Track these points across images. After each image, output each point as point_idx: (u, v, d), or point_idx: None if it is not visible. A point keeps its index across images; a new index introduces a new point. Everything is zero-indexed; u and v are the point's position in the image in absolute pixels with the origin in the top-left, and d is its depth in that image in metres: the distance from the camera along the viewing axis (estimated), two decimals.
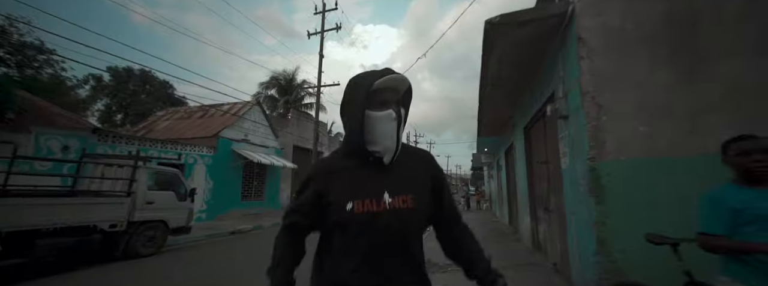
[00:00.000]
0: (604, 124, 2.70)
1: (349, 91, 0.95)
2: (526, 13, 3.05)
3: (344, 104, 0.97)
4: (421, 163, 1.03)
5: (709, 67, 2.46)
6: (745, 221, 1.30)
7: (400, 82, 0.94)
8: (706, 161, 2.35)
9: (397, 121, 0.93)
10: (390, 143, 0.92)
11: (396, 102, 0.95)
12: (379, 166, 0.94)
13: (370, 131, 0.91)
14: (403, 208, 0.91)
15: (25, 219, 4.08)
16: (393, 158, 0.94)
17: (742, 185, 1.38)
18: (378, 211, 0.89)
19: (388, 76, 0.91)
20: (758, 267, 1.25)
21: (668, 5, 2.59)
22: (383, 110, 0.92)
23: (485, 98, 5.68)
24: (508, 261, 5.07)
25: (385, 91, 0.92)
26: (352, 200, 0.89)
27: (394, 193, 0.92)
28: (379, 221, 0.88)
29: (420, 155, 1.06)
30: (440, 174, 1.06)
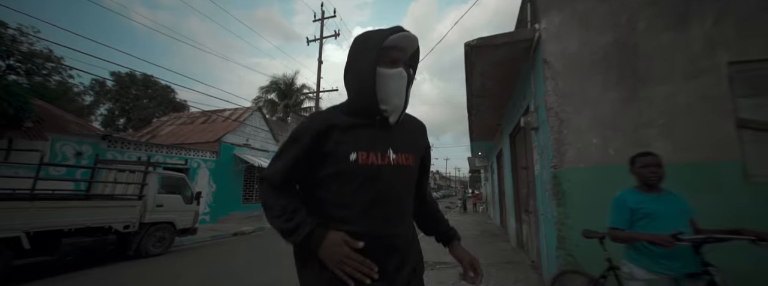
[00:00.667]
0: (565, 137, 3.12)
1: (358, 47, 0.93)
2: (500, 38, 3.49)
3: (351, 62, 0.94)
4: (417, 129, 1.07)
5: (649, 89, 2.89)
6: (638, 218, 1.71)
7: (412, 42, 0.93)
8: None
9: (407, 80, 0.92)
10: (399, 102, 0.92)
11: (405, 62, 0.94)
12: (385, 125, 0.93)
13: (380, 89, 0.89)
14: (405, 164, 0.94)
15: (50, 220, 4.47)
16: (399, 118, 0.95)
17: (641, 190, 1.80)
18: (383, 164, 0.90)
19: (401, 34, 0.89)
20: (642, 251, 1.67)
21: (616, 35, 3.03)
22: (394, 68, 0.90)
23: (473, 108, 6.11)
24: (493, 260, 5.48)
25: (395, 49, 0.91)
26: (355, 150, 0.88)
27: (398, 150, 0.93)
28: (384, 175, 0.89)
29: (417, 123, 1.09)
30: (428, 148, 1.11)
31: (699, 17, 2.79)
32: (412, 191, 1.00)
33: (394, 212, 0.92)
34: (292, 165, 0.92)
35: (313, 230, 0.85)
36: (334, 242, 0.83)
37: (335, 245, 0.83)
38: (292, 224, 0.86)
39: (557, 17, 3.23)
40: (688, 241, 1.52)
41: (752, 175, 2.57)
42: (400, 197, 0.93)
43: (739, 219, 2.46)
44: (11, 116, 5.62)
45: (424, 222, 1.12)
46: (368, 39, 0.91)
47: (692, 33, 2.80)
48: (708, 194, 2.59)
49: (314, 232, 0.85)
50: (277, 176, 0.92)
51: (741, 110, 2.64)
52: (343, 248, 0.82)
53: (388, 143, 0.92)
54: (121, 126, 25.02)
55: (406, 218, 0.98)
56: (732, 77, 2.68)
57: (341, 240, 0.83)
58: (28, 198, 4.38)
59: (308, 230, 0.85)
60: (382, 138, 0.92)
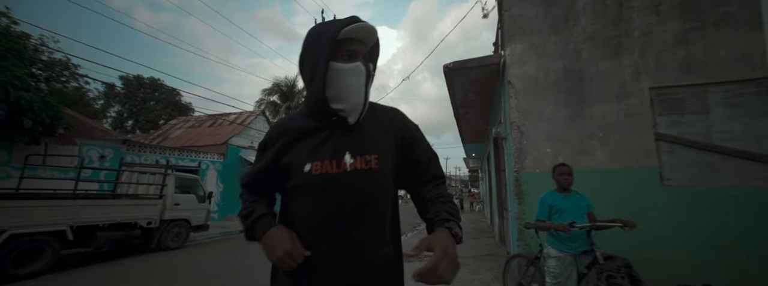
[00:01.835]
0: (525, 147, 3.75)
1: (311, 40, 0.83)
2: (472, 62, 4.13)
3: (304, 56, 0.85)
4: (389, 120, 0.91)
5: (590, 107, 3.51)
6: (554, 212, 2.35)
7: (369, 33, 0.84)
8: (587, 173, 3.40)
9: (366, 75, 0.82)
10: (357, 100, 0.81)
11: (363, 55, 0.84)
12: (343, 125, 0.83)
13: (334, 86, 0.80)
14: (366, 168, 0.81)
15: (89, 216, 5.16)
16: (359, 118, 0.83)
17: (557, 191, 2.43)
18: (337, 172, 0.80)
19: (357, 24, 0.80)
20: (554, 236, 2.30)
21: (565, 62, 3.65)
22: (350, 62, 0.81)
23: (459, 115, 6.76)
24: (475, 253, 6.13)
25: (353, 41, 0.82)
26: (310, 161, 0.80)
27: (357, 153, 0.82)
28: (339, 184, 0.79)
29: (387, 111, 0.94)
30: (411, 129, 0.93)
31: (628, 49, 3.41)
32: (387, 198, 0.85)
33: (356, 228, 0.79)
34: (257, 174, 0.90)
35: (260, 218, 0.82)
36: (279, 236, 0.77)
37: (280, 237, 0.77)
38: (247, 211, 0.85)
39: (519, 46, 3.86)
40: (578, 228, 2.15)
41: (666, 178, 3.19)
42: (363, 209, 0.80)
43: (656, 213, 3.11)
44: (47, 124, 6.32)
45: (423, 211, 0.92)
46: (322, 31, 0.81)
47: (623, 62, 3.42)
48: (634, 193, 3.23)
49: (261, 221, 0.82)
50: (247, 179, 0.92)
51: (659, 126, 3.26)
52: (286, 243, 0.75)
53: (345, 147, 0.82)
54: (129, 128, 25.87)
55: (377, 235, 0.83)
56: (653, 99, 3.30)
57: (288, 236, 0.77)
58: (71, 197, 5.08)
59: (257, 216, 0.83)
60: (338, 142, 0.82)
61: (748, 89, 2.99)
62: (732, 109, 3.04)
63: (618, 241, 2.73)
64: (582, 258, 2.25)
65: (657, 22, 3.33)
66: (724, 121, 3.05)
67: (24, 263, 4.41)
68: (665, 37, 3.29)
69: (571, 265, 2.27)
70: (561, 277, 2.26)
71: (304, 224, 0.82)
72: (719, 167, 3.03)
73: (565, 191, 2.39)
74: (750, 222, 2.90)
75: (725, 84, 3.08)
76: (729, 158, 3.00)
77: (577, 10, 3.61)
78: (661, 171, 3.20)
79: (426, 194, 0.90)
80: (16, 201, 4.56)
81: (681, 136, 3.17)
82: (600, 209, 2.67)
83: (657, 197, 3.18)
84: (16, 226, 4.26)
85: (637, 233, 2.98)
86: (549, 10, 3.72)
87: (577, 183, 3.44)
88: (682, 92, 3.22)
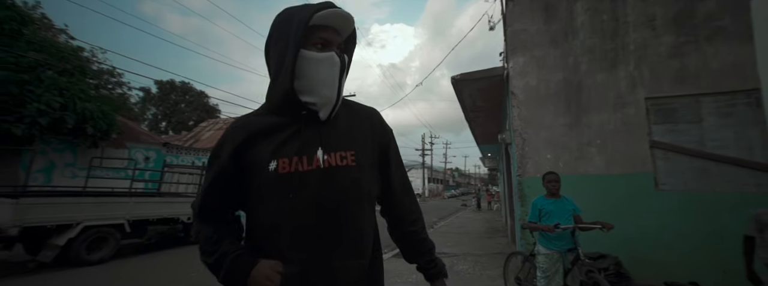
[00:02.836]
0: (527, 152, 4.05)
1: (279, 25, 0.73)
2: (477, 74, 4.45)
3: (270, 43, 0.75)
4: (365, 119, 0.83)
5: (588, 116, 3.75)
6: (543, 215, 2.67)
7: (345, 21, 0.74)
8: (585, 178, 3.67)
9: (340, 67, 0.73)
10: (329, 93, 0.72)
11: (338, 45, 0.75)
12: (314, 121, 0.74)
13: (304, 77, 0.71)
14: (342, 165, 0.72)
15: (142, 211, 5.97)
16: (331, 113, 0.74)
17: (547, 197, 2.75)
18: (308, 170, 0.70)
19: (331, 10, 0.71)
20: (544, 235, 2.63)
21: (565, 74, 3.90)
22: (324, 52, 0.72)
23: (470, 119, 7.05)
24: (488, 251, 6.43)
25: (326, 29, 0.73)
26: (275, 158, 0.70)
27: (331, 149, 0.73)
28: (310, 184, 0.69)
29: (365, 110, 0.86)
30: (389, 136, 0.86)
31: (624, 62, 3.62)
32: (365, 200, 0.76)
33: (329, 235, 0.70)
34: (212, 190, 0.76)
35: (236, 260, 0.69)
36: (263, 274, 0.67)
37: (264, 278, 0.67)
38: (214, 258, 0.70)
39: (521, 58, 4.14)
40: (562, 229, 2.47)
41: (661, 183, 3.40)
42: (336, 211, 0.71)
43: (651, 216, 3.33)
44: (104, 131, 7.25)
45: (401, 244, 0.88)
46: (291, 16, 0.73)
47: (619, 74, 3.64)
48: (630, 197, 3.46)
49: (238, 263, 0.69)
50: (199, 203, 0.78)
51: (654, 134, 3.46)
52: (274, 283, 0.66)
53: (316, 143, 0.73)
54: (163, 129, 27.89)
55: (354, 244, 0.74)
56: (648, 109, 3.50)
57: (272, 271, 0.67)
58: (127, 195, 5.90)
59: (229, 263, 0.69)
60: (309, 138, 0.73)
61: (740, 99, 3.15)
62: (724, 118, 3.20)
63: (614, 242, 3.01)
64: (567, 255, 2.57)
65: (652, 36, 3.52)
66: (717, 130, 3.22)
67: (93, 250, 5.23)
68: (660, 50, 3.48)
69: (558, 261, 2.59)
70: (549, 271, 2.59)
71: (270, 234, 0.71)
72: (712, 173, 3.21)
73: (554, 196, 2.71)
74: (740, 225, 3.06)
75: (718, 94, 3.24)
76: (721, 165, 3.17)
77: (576, 25, 3.85)
78: (656, 176, 3.41)
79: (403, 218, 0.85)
80: (86, 198, 5.39)
81: (675, 144, 3.37)
82: (598, 211, 2.97)
83: (652, 201, 3.39)
84: (87, 219, 5.08)
85: (632, 235, 3.25)
86: (549, 26, 3.98)
87: (576, 187, 3.71)
88: (676, 102, 3.41)
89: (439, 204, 26.99)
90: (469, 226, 11.17)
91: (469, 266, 5.01)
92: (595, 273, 2.38)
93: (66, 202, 5.05)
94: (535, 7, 4.02)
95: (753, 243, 1.98)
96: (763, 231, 1.93)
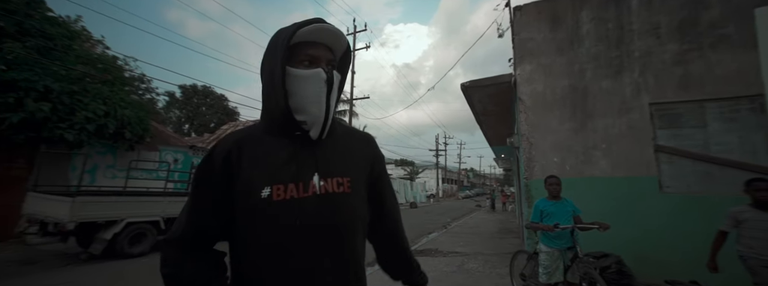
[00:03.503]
0: (534, 156, 4.23)
1: (270, 45, 0.72)
2: (486, 81, 4.66)
3: (263, 62, 0.73)
4: (359, 143, 0.81)
5: (594, 121, 3.89)
6: (544, 215, 2.88)
7: (333, 37, 0.73)
8: (591, 181, 3.82)
9: (328, 85, 0.70)
10: (317, 112, 0.69)
11: (328, 62, 0.72)
12: (308, 142, 0.71)
13: (292, 95, 0.69)
14: (339, 192, 0.70)
15: (175, 210, 6.52)
16: (322, 132, 0.71)
17: (549, 199, 2.96)
18: (304, 197, 0.66)
19: (314, 25, 0.69)
20: (547, 235, 2.83)
21: (570, 81, 4.05)
22: (310, 69, 0.70)
23: (482, 122, 7.22)
24: (499, 250, 6.59)
25: (314, 46, 0.71)
26: (270, 184, 0.66)
27: (327, 175, 0.70)
28: (307, 212, 0.66)
29: (359, 135, 0.84)
30: (382, 163, 0.84)
31: (628, 69, 3.75)
32: (360, 228, 0.74)
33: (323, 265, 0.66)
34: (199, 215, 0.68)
35: None
36: None
37: None
38: None
39: (528, 66, 4.33)
40: (561, 228, 2.67)
41: (665, 186, 3.51)
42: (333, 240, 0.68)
43: (655, 217, 3.46)
44: (140, 135, 7.91)
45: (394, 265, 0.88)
46: (279, 35, 0.72)
47: (624, 80, 3.77)
48: (635, 199, 3.60)
49: None
50: (180, 234, 0.68)
51: (659, 139, 3.57)
52: None
53: (313, 167, 0.69)
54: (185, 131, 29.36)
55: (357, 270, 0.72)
56: (652, 114, 3.62)
57: None
58: (162, 194, 6.47)
59: None
60: (304, 161, 0.70)
61: (743, 105, 3.23)
62: (728, 123, 3.29)
63: (619, 241, 3.18)
64: (567, 253, 2.76)
65: (656, 43, 3.63)
66: (721, 134, 3.31)
67: (134, 244, 5.80)
68: (664, 58, 3.59)
69: (558, 258, 2.79)
70: (550, 268, 2.79)
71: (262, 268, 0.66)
72: (715, 176, 3.30)
73: (555, 198, 2.91)
74: None
75: (722, 100, 3.33)
76: (725, 168, 3.27)
77: (581, 34, 4.00)
78: (661, 179, 3.53)
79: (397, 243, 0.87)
80: (127, 197, 5.97)
81: (680, 148, 3.48)
82: (603, 212, 3.15)
83: (656, 202, 3.51)
84: (130, 216, 5.64)
85: (636, 235, 3.39)
86: (555, 35, 4.15)
87: (582, 189, 3.87)
88: (680, 107, 3.51)
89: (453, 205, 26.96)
90: (482, 226, 11.27)
91: (479, 264, 5.22)
92: (591, 270, 2.57)
93: (112, 200, 5.64)
94: (542, 17, 4.19)
95: (724, 237, 2.18)
96: (738, 227, 2.10)
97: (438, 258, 6.00)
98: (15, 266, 4.85)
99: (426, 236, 8.41)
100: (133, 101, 8.22)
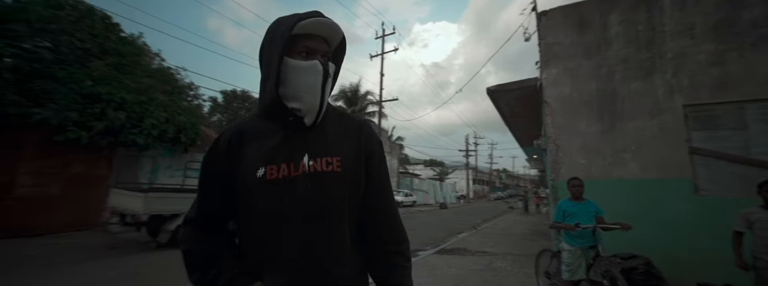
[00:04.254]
0: (560, 158, 4.30)
1: (267, 36, 0.76)
2: (511, 85, 4.79)
3: (261, 52, 0.77)
4: (354, 128, 0.83)
5: (623, 123, 3.89)
6: (567, 216, 3.01)
7: (331, 30, 0.76)
8: (620, 183, 3.83)
9: (324, 75, 0.74)
10: (313, 100, 0.74)
11: (324, 54, 0.76)
12: (301, 127, 0.75)
13: (289, 84, 0.73)
14: (328, 170, 0.73)
15: None
16: (316, 119, 0.76)
17: (571, 200, 3.08)
18: (294, 176, 0.71)
19: (314, 19, 0.73)
20: (569, 234, 2.96)
21: (598, 83, 4.07)
22: (308, 60, 0.74)
23: (510, 123, 7.24)
24: (529, 251, 6.58)
25: (312, 38, 0.75)
26: (264, 165, 0.71)
27: (317, 155, 0.74)
28: (296, 189, 0.71)
29: (355, 120, 0.86)
30: (374, 145, 0.84)
31: (660, 70, 3.71)
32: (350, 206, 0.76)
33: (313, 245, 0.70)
34: (208, 196, 0.76)
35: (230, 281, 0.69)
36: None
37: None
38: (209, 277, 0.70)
39: (554, 70, 4.40)
40: (582, 228, 2.80)
41: (701, 189, 3.45)
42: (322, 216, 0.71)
43: (689, 219, 3.42)
44: (192, 139, 8.92)
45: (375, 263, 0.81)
46: (278, 26, 0.75)
47: (656, 82, 3.73)
48: (667, 201, 3.57)
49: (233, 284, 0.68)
50: (194, 216, 0.77)
51: (694, 141, 3.51)
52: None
53: (303, 149, 0.74)
54: None
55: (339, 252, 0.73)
56: (687, 116, 3.56)
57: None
58: None
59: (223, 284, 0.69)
60: (296, 143, 0.74)
61: None
62: None
63: (650, 243, 3.22)
64: (589, 252, 2.87)
65: (691, 44, 3.57)
66: (762, 136, 3.21)
67: None
68: (699, 58, 3.52)
69: (581, 257, 2.92)
70: (572, 265, 2.93)
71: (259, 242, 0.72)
72: (754, 180, 3.17)
73: (578, 199, 3.03)
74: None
75: (764, 101, 3.22)
76: (765, 171, 3.16)
77: (609, 36, 4.01)
78: (696, 182, 3.47)
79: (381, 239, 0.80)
80: (185, 193, 6.84)
81: (716, 150, 3.40)
82: (631, 214, 3.23)
83: (690, 205, 3.46)
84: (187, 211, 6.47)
85: (668, 237, 3.40)
86: (582, 38, 4.18)
87: (610, 191, 3.90)
88: (717, 109, 3.43)
89: (484, 206, 26.45)
90: (513, 228, 11.12)
91: (508, 264, 5.32)
92: (612, 267, 2.68)
93: (175, 196, 6.49)
94: (569, 22, 4.25)
95: (740, 237, 2.23)
96: (751, 228, 2.15)
97: (466, 257, 6.16)
98: (104, 250, 5.80)
99: (455, 236, 8.55)
100: (186, 108, 9.27)
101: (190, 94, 17.12)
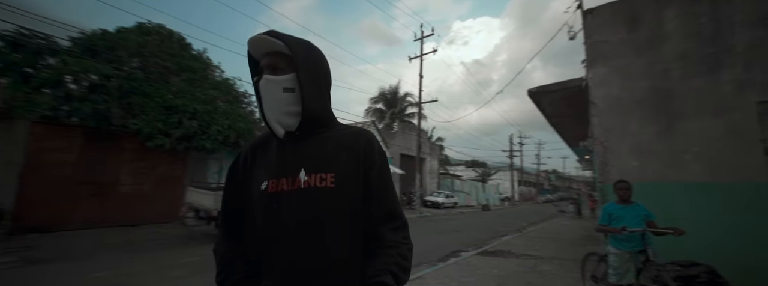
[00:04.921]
0: (609, 160, 4.13)
1: None
2: (554, 86, 4.70)
3: None
4: (353, 140, 0.83)
5: (683, 123, 3.63)
6: (613, 219, 2.95)
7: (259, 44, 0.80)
8: (677, 185, 3.61)
9: (275, 87, 0.77)
10: (273, 115, 0.78)
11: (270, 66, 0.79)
12: (297, 141, 0.79)
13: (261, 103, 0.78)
14: (321, 187, 0.75)
15: None
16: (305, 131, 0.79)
17: (618, 203, 3.01)
18: (290, 190, 0.75)
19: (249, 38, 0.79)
20: (616, 238, 2.91)
21: (651, 82, 3.84)
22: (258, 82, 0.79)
23: (555, 124, 6.97)
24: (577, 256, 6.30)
25: (265, 56, 0.80)
26: (267, 178, 0.77)
27: (312, 170, 0.76)
28: (290, 203, 0.74)
29: (352, 133, 0.85)
30: (375, 155, 0.83)
31: (728, 65, 3.41)
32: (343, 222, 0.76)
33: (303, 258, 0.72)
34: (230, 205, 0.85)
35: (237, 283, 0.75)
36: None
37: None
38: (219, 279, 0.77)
39: (602, 69, 4.24)
40: (629, 231, 2.74)
41: None
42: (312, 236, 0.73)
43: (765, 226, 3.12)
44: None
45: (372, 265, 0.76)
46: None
47: (721, 78, 3.43)
48: (740, 206, 3.29)
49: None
50: (221, 221, 0.86)
51: None
52: None
53: (300, 164, 0.77)
54: None
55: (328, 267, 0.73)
56: (761, 114, 3.24)
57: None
58: None
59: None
60: (292, 159, 0.78)
61: None
62: None
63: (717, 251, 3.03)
64: (638, 256, 2.79)
65: (766, 35, 3.24)
66: None
67: None
68: None
69: (629, 261, 2.84)
70: (620, 269, 2.87)
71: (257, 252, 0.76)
72: None
73: (625, 202, 2.96)
74: None
75: None
76: None
77: (665, 32, 3.77)
78: None
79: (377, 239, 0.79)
80: None
81: None
82: (693, 219, 3.08)
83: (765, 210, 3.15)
84: None
85: (739, 244, 3.15)
86: (633, 35, 3.98)
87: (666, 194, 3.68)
88: None
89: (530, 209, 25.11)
90: (562, 232, 10.55)
91: (554, 267, 5.19)
92: (662, 273, 2.60)
93: None
94: (618, 19, 4.08)
95: None
96: None
97: (510, 259, 6.09)
98: (185, 240, 6.84)
99: (499, 238, 8.41)
100: (243, 115, 10.38)
101: (245, 102, 19.00)
